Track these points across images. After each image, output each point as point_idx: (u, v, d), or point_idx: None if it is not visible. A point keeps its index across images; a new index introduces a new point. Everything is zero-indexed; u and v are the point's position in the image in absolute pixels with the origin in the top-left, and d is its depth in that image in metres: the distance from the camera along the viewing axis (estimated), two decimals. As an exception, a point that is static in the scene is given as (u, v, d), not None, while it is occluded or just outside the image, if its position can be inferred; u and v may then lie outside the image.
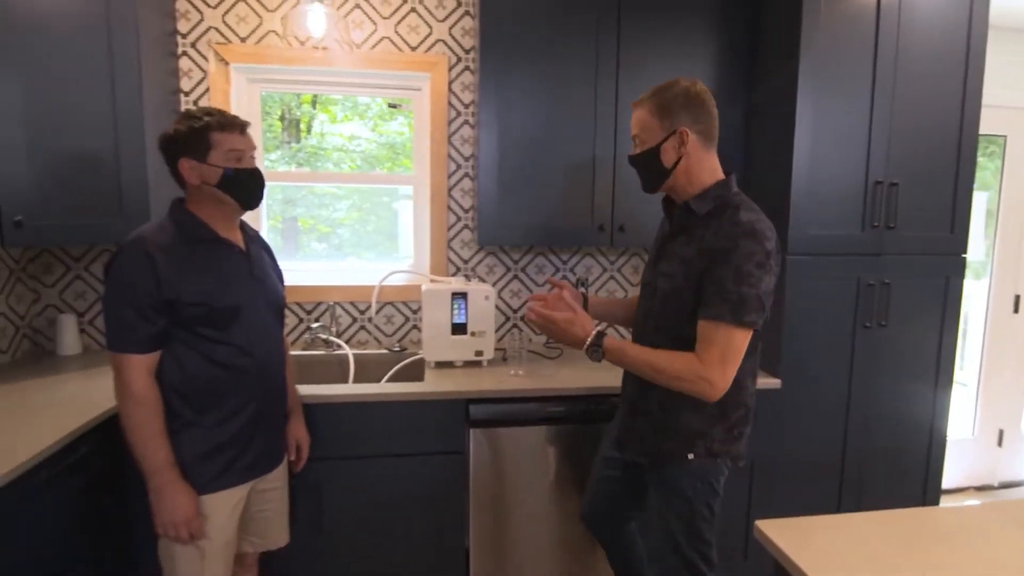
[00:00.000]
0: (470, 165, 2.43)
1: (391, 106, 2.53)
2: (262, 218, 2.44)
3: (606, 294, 2.57)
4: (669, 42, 2.14)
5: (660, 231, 1.57)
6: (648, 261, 1.56)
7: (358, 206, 2.61)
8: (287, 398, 1.63)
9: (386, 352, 2.33)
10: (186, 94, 2.24)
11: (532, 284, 2.51)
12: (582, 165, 2.14)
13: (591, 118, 2.12)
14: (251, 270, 1.48)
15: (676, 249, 1.41)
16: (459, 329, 2.08)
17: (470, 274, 2.49)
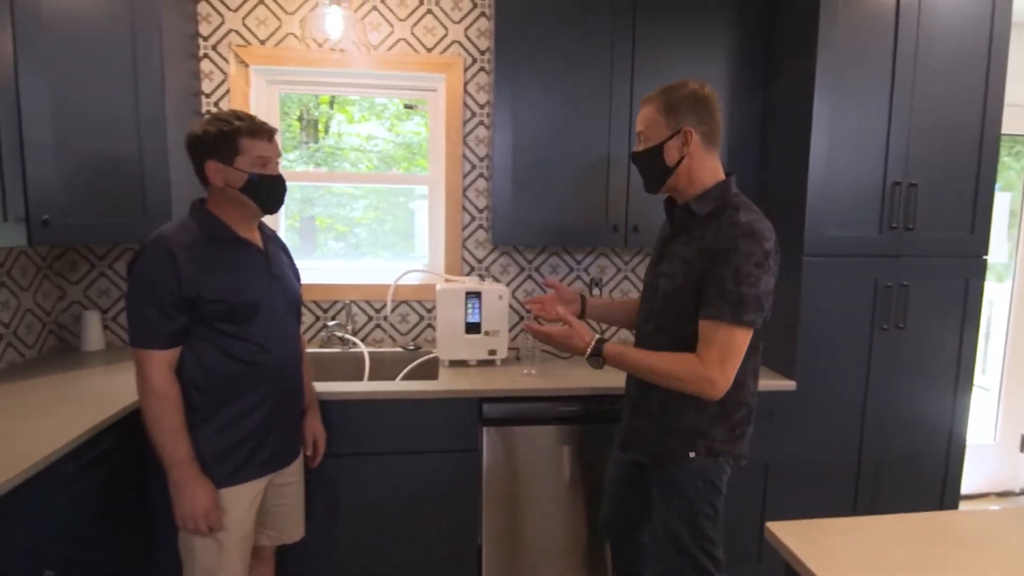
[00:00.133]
0: (485, 165, 2.44)
1: (407, 107, 2.55)
2: (280, 217, 2.48)
3: (620, 294, 2.56)
4: (684, 41, 2.13)
5: (662, 232, 1.59)
6: (650, 262, 1.58)
7: (375, 205, 2.64)
8: (304, 394, 1.65)
9: (401, 350, 2.36)
10: (207, 96, 2.28)
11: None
12: (596, 165, 2.15)
13: (605, 118, 2.12)
14: (269, 269, 1.51)
15: (677, 249, 1.43)
16: (473, 328, 2.10)
17: (484, 274, 2.50)
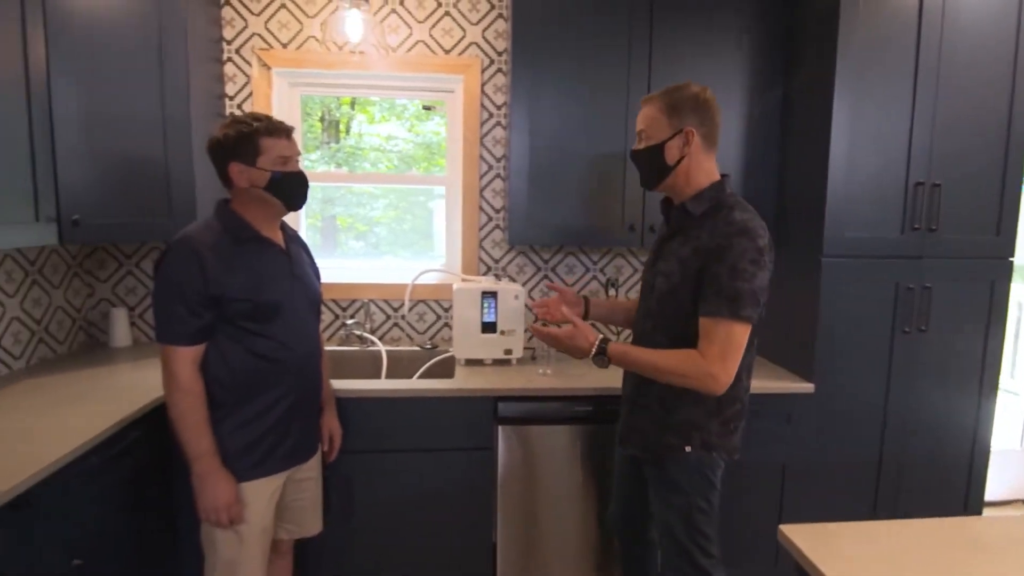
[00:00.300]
0: (502, 166, 2.45)
1: (426, 108, 2.58)
2: (301, 217, 2.52)
3: (636, 294, 2.56)
4: (701, 41, 2.12)
5: (659, 232, 1.62)
6: (647, 262, 1.62)
7: (395, 205, 2.67)
8: (322, 391, 1.69)
9: (418, 349, 2.38)
10: (230, 98, 2.33)
11: (560, 283, 2.52)
12: (613, 165, 2.15)
13: (622, 119, 2.12)
14: (291, 269, 1.54)
15: (673, 249, 1.47)
16: (489, 328, 2.12)
17: (500, 274, 2.52)
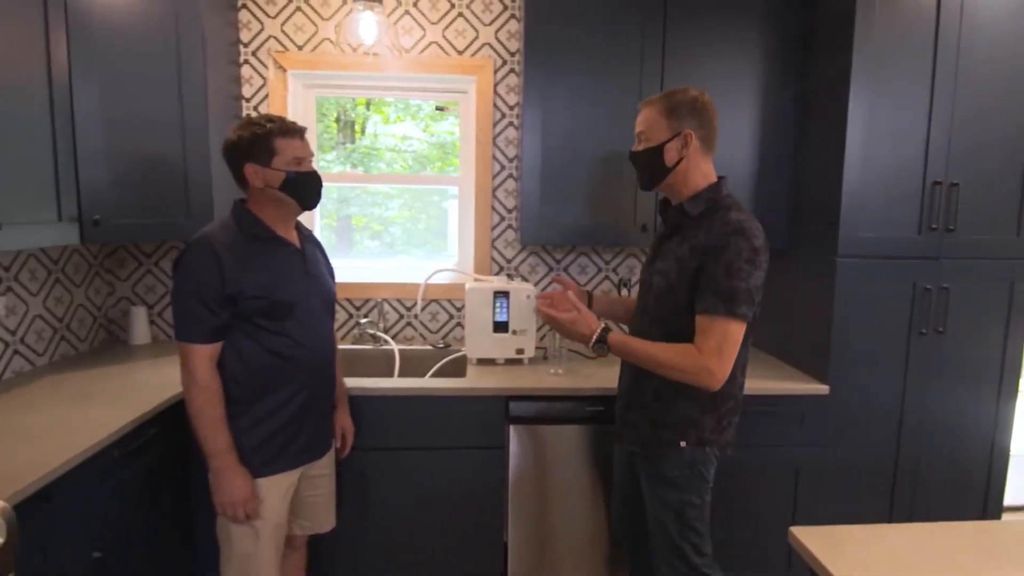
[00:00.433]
0: (514, 166, 2.46)
1: (439, 109, 2.60)
2: (316, 216, 2.55)
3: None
4: (715, 42, 2.11)
5: (657, 232, 1.66)
6: (646, 261, 1.65)
7: (409, 205, 2.69)
8: (336, 389, 1.71)
9: (430, 348, 2.40)
10: (247, 100, 2.37)
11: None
12: (624, 166, 2.11)
13: (634, 119, 2.09)
14: (306, 268, 1.56)
15: (671, 248, 1.50)
16: (501, 327, 2.12)
17: (513, 273, 2.52)
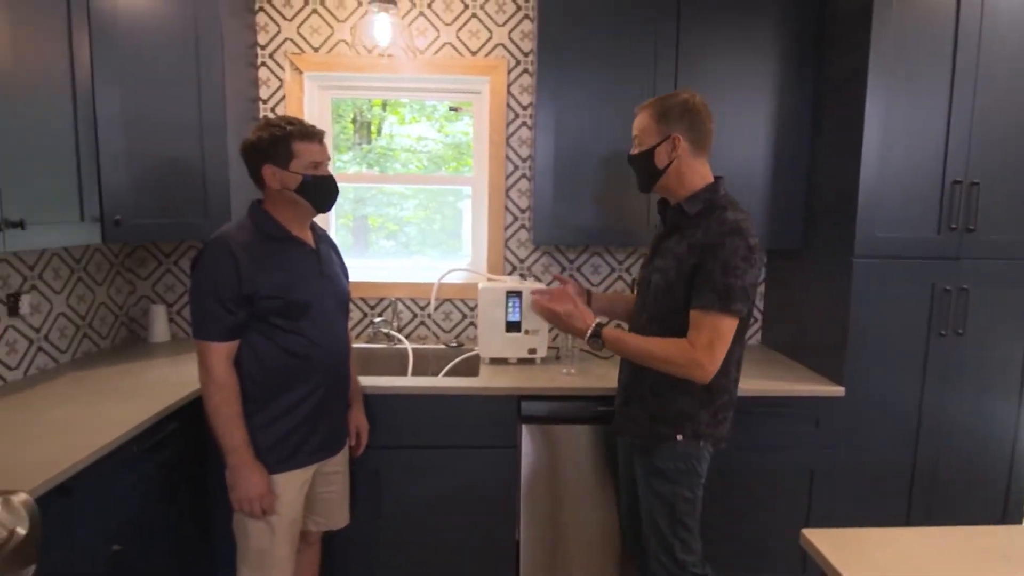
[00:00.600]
0: (527, 166, 2.47)
1: (452, 109, 2.61)
2: (331, 217, 2.58)
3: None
4: (729, 40, 2.09)
5: (656, 231, 1.68)
6: (645, 259, 1.69)
7: (424, 205, 2.71)
8: (350, 387, 1.73)
9: (443, 347, 2.41)
10: (264, 102, 2.40)
11: (587, 284, 2.52)
12: (639, 166, 2.14)
13: (648, 119, 2.11)
14: (321, 268, 1.59)
15: (670, 247, 1.54)
16: (513, 327, 2.13)
17: (526, 273, 2.53)
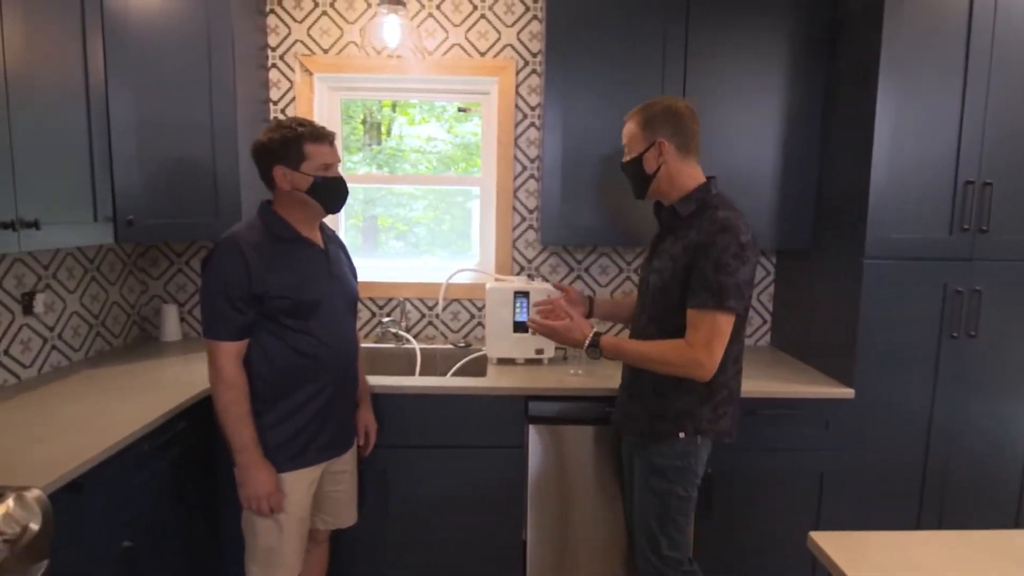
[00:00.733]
0: (535, 166, 2.47)
1: (461, 110, 2.62)
2: (340, 217, 2.59)
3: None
4: (738, 40, 2.08)
5: (653, 233, 1.70)
6: (643, 261, 1.72)
7: (434, 206, 2.71)
8: (358, 387, 1.74)
9: (451, 347, 2.42)
10: (274, 103, 2.42)
11: (595, 284, 2.52)
12: (647, 166, 2.13)
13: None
14: (330, 269, 1.60)
15: (666, 248, 1.57)
16: (520, 327, 2.13)
17: (533, 274, 2.53)
